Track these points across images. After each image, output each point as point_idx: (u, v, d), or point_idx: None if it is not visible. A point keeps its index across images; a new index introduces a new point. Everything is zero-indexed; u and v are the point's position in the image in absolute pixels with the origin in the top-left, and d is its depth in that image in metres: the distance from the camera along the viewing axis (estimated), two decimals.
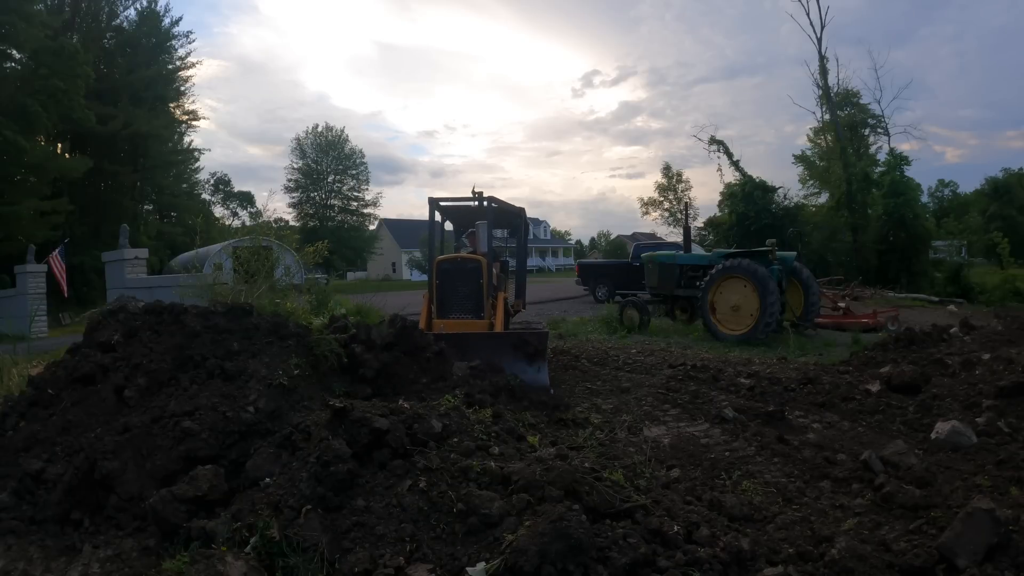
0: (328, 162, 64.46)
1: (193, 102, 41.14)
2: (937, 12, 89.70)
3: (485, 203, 7.92)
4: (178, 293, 9.88)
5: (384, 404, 3.58)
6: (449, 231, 10.22)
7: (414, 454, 3.17)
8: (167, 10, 37.76)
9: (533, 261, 73.77)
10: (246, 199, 66.82)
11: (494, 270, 8.09)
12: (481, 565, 2.42)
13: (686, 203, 37.06)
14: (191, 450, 3.52)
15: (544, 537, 2.41)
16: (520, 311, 9.53)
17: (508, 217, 9.21)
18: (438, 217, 8.87)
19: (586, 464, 3.29)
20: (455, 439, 3.36)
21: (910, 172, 29.22)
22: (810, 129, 43.62)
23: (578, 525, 2.47)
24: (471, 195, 7.98)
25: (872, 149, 38.14)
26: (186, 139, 41.28)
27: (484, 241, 8.17)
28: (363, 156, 65.97)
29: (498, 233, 9.32)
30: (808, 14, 35.23)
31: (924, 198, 36.05)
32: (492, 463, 3.13)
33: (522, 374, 5.77)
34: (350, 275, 58.10)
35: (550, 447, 3.78)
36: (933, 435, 4.42)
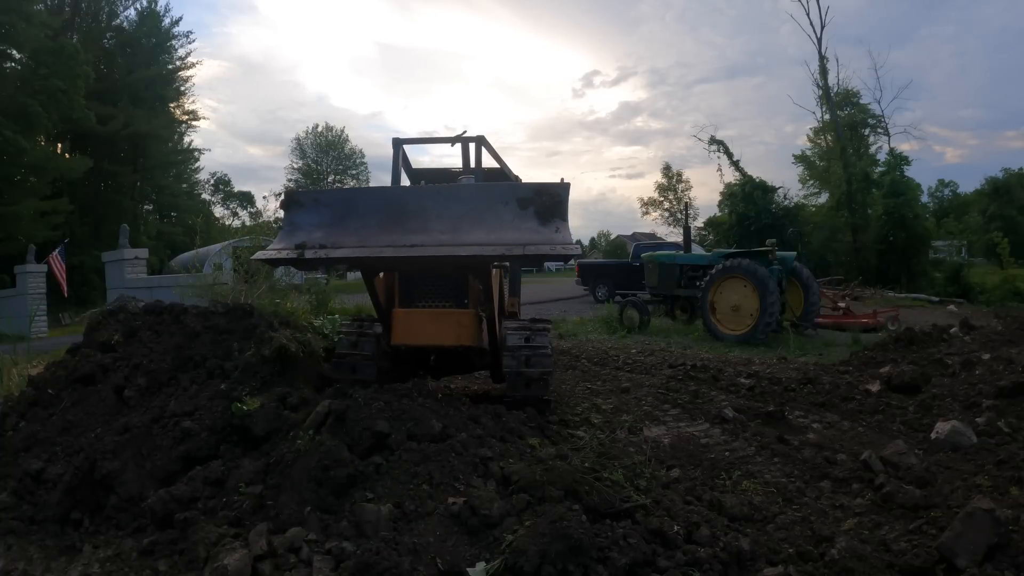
0: (328, 162, 64.56)
1: (193, 102, 41.36)
2: (937, 12, 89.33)
3: (472, 148, 5.76)
4: (178, 293, 9.92)
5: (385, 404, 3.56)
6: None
7: None
8: (167, 10, 37.99)
9: None
10: (246, 199, 66.74)
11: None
12: (481, 565, 2.42)
13: (686, 203, 37.12)
14: (191, 450, 3.52)
15: (544, 537, 2.40)
16: (515, 313, 7.67)
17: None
18: (407, 181, 6.42)
19: (586, 464, 3.29)
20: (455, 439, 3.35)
21: (910, 172, 29.30)
22: (810, 129, 43.57)
23: (578, 525, 2.47)
24: (454, 137, 5.85)
25: (872, 149, 38.11)
26: (186, 139, 41.50)
27: None
28: (363, 156, 66.13)
29: None
30: (808, 14, 35.24)
31: (924, 198, 36.08)
32: (492, 463, 3.13)
33: (532, 234, 3.76)
34: (350, 275, 57.98)
35: (550, 447, 3.77)
36: (933, 435, 4.42)
